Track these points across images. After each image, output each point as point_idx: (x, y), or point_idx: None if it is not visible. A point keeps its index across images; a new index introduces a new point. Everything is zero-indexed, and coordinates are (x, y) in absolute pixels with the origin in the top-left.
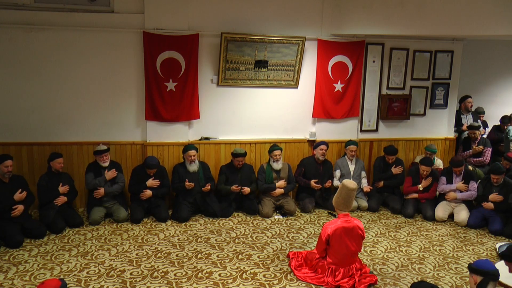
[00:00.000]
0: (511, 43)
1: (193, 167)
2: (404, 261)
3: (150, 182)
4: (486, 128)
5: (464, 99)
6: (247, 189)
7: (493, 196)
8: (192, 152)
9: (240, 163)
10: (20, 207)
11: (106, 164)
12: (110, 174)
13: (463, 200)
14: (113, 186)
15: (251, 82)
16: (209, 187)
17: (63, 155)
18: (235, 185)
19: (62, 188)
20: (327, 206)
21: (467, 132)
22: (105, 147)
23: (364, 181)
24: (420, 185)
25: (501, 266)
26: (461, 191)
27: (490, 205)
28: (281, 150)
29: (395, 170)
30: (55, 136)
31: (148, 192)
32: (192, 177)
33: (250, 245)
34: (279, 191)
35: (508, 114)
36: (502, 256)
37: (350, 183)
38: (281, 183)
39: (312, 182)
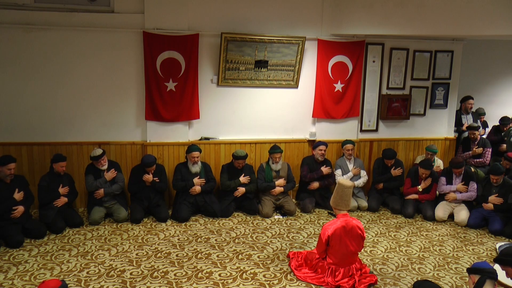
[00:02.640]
0: (511, 43)
1: (196, 168)
2: (404, 261)
3: (147, 176)
4: (486, 129)
5: (465, 99)
6: (242, 190)
7: (493, 198)
8: (196, 153)
9: (240, 165)
10: (20, 208)
11: (105, 167)
12: (109, 175)
13: (463, 200)
14: (112, 186)
15: (251, 82)
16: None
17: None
18: (242, 177)
19: (62, 190)
20: (327, 206)
21: (467, 132)
22: (100, 152)
23: (362, 180)
24: (419, 186)
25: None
26: (461, 192)
27: (490, 206)
28: (282, 152)
29: (394, 172)
30: (55, 136)
31: (150, 177)
32: (193, 177)
33: (250, 245)
34: (278, 189)
35: (508, 115)
36: (495, 260)
37: (346, 181)
38: (280, 181)
39: (323, 168)
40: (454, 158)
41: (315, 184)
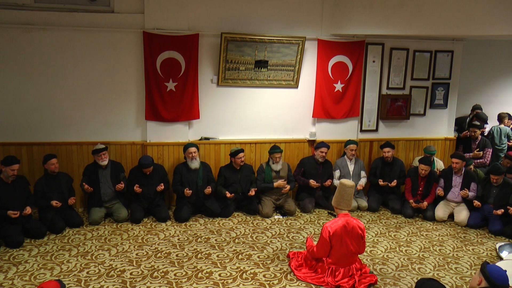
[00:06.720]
0: (511, 43)
1: (195, 164)
2: (404, 261)
3: (118, 186)
4: (486, 125)
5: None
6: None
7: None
8: (192, 149)
9: (242, 160)
10: (29, 209)
11: (105, 163)
12: (119, 186)
13: (463, 200)
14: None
15: (251, 82)
16: (210, 189)
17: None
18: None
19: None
20: (327, 206)
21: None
22: (102, 146)
23: (363, 181)
24: (425, 202)
25: (504, 265)
26: (462, 196)
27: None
28: (282, 152)
29: (391, 184)
30: (55, 136)
31: (138, 189)
32: (192, 176)
33: (250, 245)
34: (282, 182)
35: (505, 111)
36: None
37: (347, 181)
38: (279, 182)
39: (311, 181)
40: (455, 152)
41: (316, 184)
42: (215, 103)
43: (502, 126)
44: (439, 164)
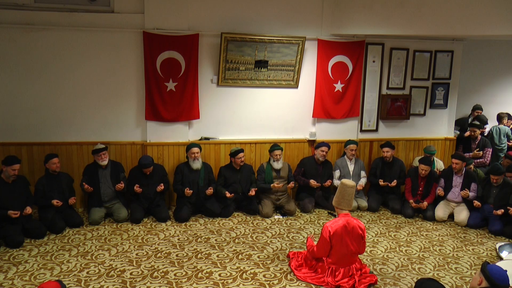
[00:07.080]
0: (511, 43)
1: (197, 165)
2: (404, 261)
3: (135, 188)
4: (486, 126)
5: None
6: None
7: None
8: (195, 149)
9: (242, 160)
10: (29, 209)
11: (105, 163)
12: (119, 186)
13: (463, 200)
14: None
15: (251, 82)
16: (211, 190)
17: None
18: (227, 192)
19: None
20: (327, 206)
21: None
22: (102, 146)
23: (363, 181)
24: (425, 203)
25: (504, 265)
26: (462, 197)
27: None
28: (282, 150)
29: (391, 185)
30: (55, 136)
31: (138, 189)
32: (194, 176)
33: (250, 245)
34: (277, 185)
35: (505, 111)
36: None
37: (348, 181)
38: (274, 184)
39: (311, 181)
40: (456, 152)
41: (316, 183)
42: (215, 103)
43: (501, 126)
44: (439, 164)
